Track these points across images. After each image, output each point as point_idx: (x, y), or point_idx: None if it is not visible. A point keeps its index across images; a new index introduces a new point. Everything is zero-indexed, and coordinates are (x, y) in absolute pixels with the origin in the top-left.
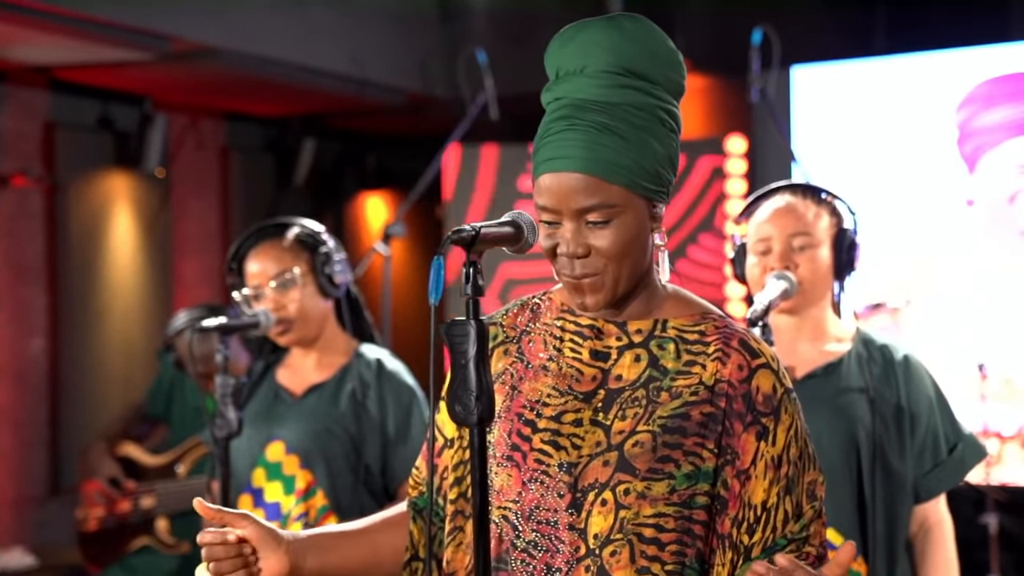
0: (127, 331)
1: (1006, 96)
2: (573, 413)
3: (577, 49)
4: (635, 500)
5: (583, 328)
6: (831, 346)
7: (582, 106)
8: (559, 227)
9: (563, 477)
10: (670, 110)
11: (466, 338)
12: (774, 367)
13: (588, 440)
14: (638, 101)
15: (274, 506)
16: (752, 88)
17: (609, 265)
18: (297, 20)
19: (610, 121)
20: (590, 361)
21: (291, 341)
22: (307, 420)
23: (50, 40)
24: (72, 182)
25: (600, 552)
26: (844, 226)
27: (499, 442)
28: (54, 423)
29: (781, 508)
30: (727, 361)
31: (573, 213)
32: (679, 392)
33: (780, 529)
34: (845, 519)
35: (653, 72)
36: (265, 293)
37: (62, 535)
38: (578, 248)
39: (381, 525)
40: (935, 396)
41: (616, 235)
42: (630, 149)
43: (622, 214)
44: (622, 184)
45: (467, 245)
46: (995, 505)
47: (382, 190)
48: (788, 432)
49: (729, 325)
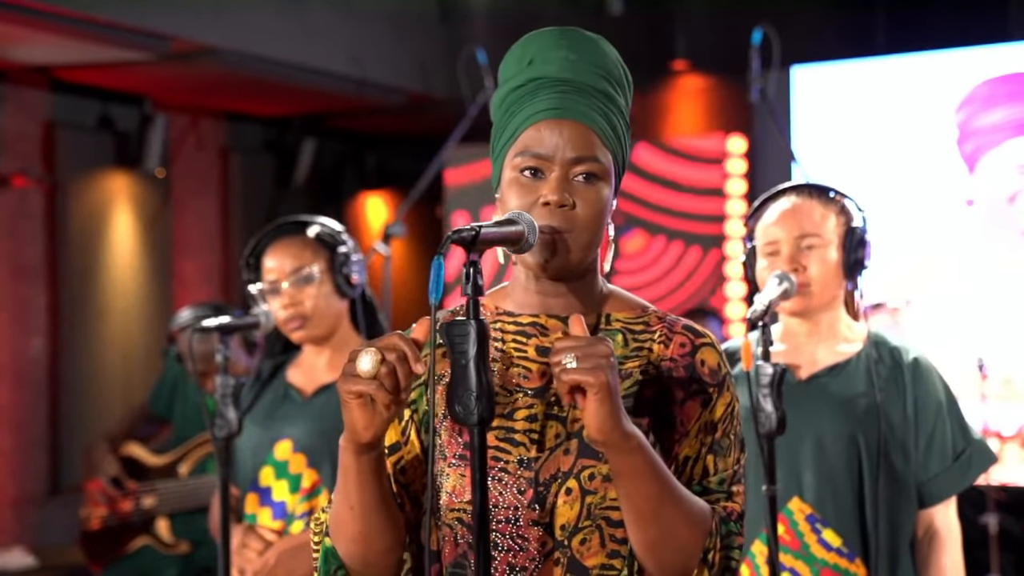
0: (127, 331)
1: (1006, 96)
2: (526, 409)
3: (560, 43)
4: (600, 483)
5: (525, 327)
6: (841, 347)
7: (571, 81)
8: (541, 180)
9: (523, 473)
10: (628, 124)
11: (466, 338)
12: (717, 348)
13: (548, 434)
14: (616, 100)
15: (280, 504)
16: (752, 88)
17: (584, 226)
18: (297, 20)
19: (603, 99)
20: (537, 357)
21: (304, 338)
22: (316, 419)
23: (50, 40)
24: (72, 182)
25: (569, 542)
26: (853, 225)
27: (449, 442)
28: (54, 423)
29: (701, 463)
30: (670, 343)
31: (566, 162)
32: (629, 372)
33: (697, 479)
34: (846, 520)
35: (622, 82)
36: (282, 288)
37: (62, 535)
38: (565, 196)
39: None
40: (945, 400)
41: (596, 198)
42: (616, 130)
43: (603, 180)
44: (610, 151)
45: (467, 245)
46: (995, 505)
47: (382, 190)
48: (727, 407)
49: (671, 316)
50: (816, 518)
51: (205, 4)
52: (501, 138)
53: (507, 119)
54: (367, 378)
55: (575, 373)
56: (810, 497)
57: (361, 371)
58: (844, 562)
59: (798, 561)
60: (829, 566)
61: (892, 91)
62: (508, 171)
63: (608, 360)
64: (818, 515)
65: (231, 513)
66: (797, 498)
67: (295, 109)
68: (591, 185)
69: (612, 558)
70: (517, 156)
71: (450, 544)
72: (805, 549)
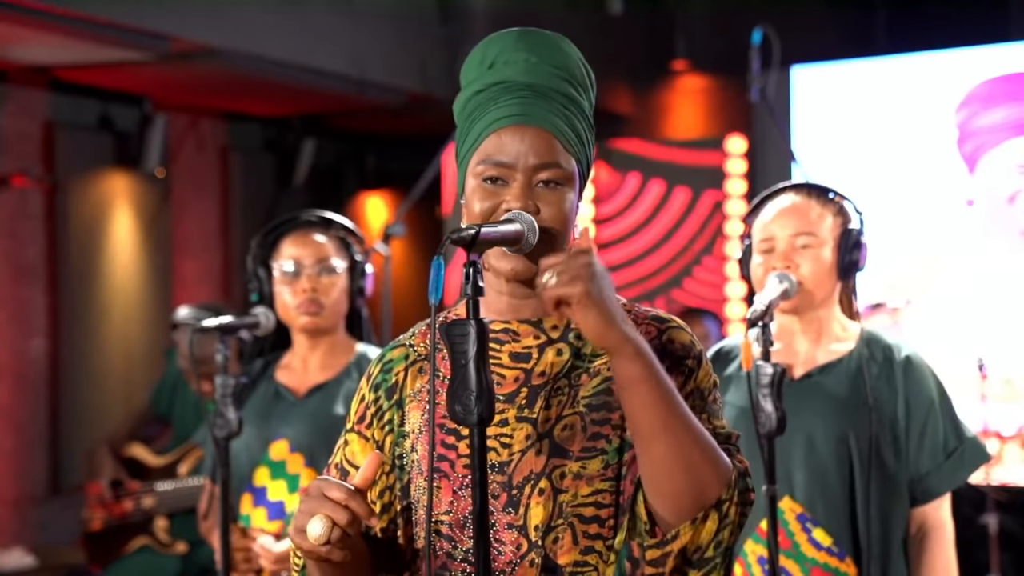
0: (127, 331)
1: (1006, 96)
2: (497, 415)
3: (520, 45)
4: (572, 482)
5: (497, 334)
6: (834, 346)
7: (533, 85)
8: (503, 187)
9: (496, 478)
10: (592, 125)
11: (466, 338)
12: (687, 330)
13: (517, 436)
14: (579, 102)
15: (277, 504)
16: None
17: (550, 231)
18: (297, 20)
19: (565, 103)
20: (510, 364)
21: (311, 325)
22: (311, 419)
23: (50, 40)
24: (72, 182)
25: (543, 542)
26: (849, 226)
27: (423, 456)
28: (54, 423)
29: (700, 421)
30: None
31: (528, 169)
32: (597, 371)
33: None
34: (836, 520)
35: (584, 83)
36: (305, 271)
37: (62, 535)
38: (528, 202)
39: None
40: (938, 397)
41: (560, 203)
42: (579, 133)
43: (567, 185)
44: (573, 156)
45: (467, 245)
46: (995, 505)
47: (382, 190)
48: (709, 378)
49: (639, 307)
50: (807, 517)
51: (205, 4)
52: (464, 144)
53: (469, 125)
54: (316, 543)
55: (554, 289)
56: (801, 496)
57: (312, 537)
58: (834, 561)
59: (789, 560)
60: (819, 565)
61: (892, 91)
62: (471, 178)
63: (587, 269)
64: (808, 514)
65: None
66: (788, 497)
67: (295, 109)
68: (554, 191)
69: (586, 554)
70: (480, 164)
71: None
72: (795, 548)
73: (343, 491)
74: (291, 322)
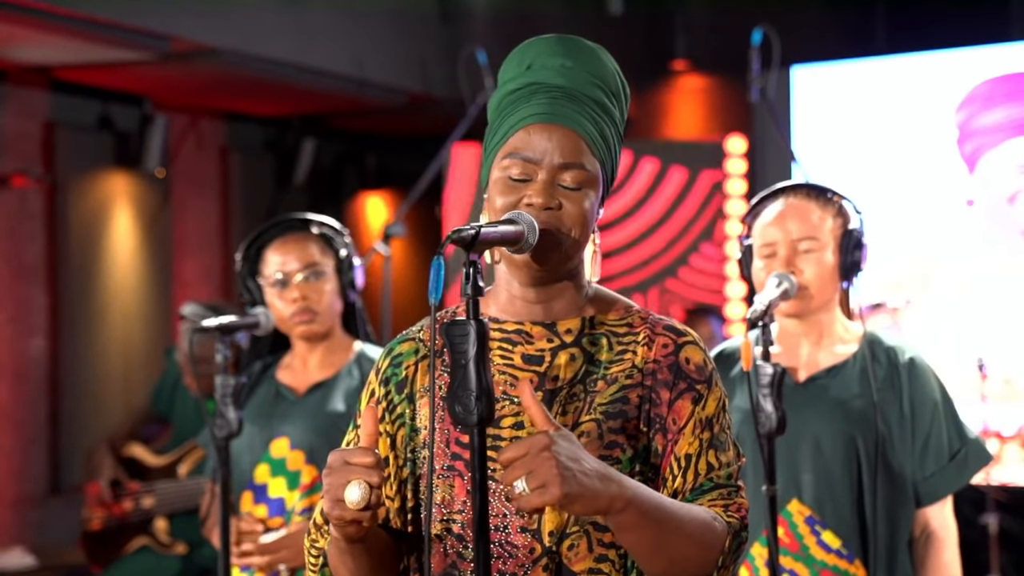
0: (127, 331)
1: (1006, 96)
2: (512, 417)
3: (558, 49)
4: None
5: (510, 334)
6: (838, 348)
7: (566, 88)
8: (528, 183)
9: None
10: (621, 135)
11: (466, 338)
12: (701, 346)
13: None
14: (610, 110)
15: (278, 502)
16: (752, 88)
17: (569, 228)
18: (297, 20)
19: (596, 108)
20: (523, 365)
21: (307, 333)
22: (311, 417)
23: (50, 40)
24: (72, 182)
25: (557, 548)
26: (850, 227)
27: (437, 454)
28: (54, 423)
29: (704, 459)
30: (653, 345)
31: (553, 167)
32: (615, 378)
33: (704, 475)
34: (845, 521)
35: (618, 93)
36: (294, 281)
37: (62, 535)
38: (551, 200)
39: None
40: (941, 399)
41: (581, 203)
42: (607, 139)
43: (589, 188)
44: (599, 160)
45: (467, 245)
46: (995, 505)
47: (382, 190)
48: (718, 403)
49: (653, 315)
50: (815, 520)
51: (205, 4)
52: (493, 139)
53: (500, 121)
54: (357, 509)
55: (529, 500)
56: (809, 499)
57: (351, 503)
58: (844, 563)
59: (798, 563)
60: (829, 568)
61: (892, 91)
62: (496, 171)
63: (553, 465)
64: (817, 517)
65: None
66: (796, 500)
67: (295, 109)
68: (576, 192)
69: (600, 562)
70: (505, 158)
71: (439, 555)
72: (804, 551)
73: (365, 452)
74: (288, 330)
